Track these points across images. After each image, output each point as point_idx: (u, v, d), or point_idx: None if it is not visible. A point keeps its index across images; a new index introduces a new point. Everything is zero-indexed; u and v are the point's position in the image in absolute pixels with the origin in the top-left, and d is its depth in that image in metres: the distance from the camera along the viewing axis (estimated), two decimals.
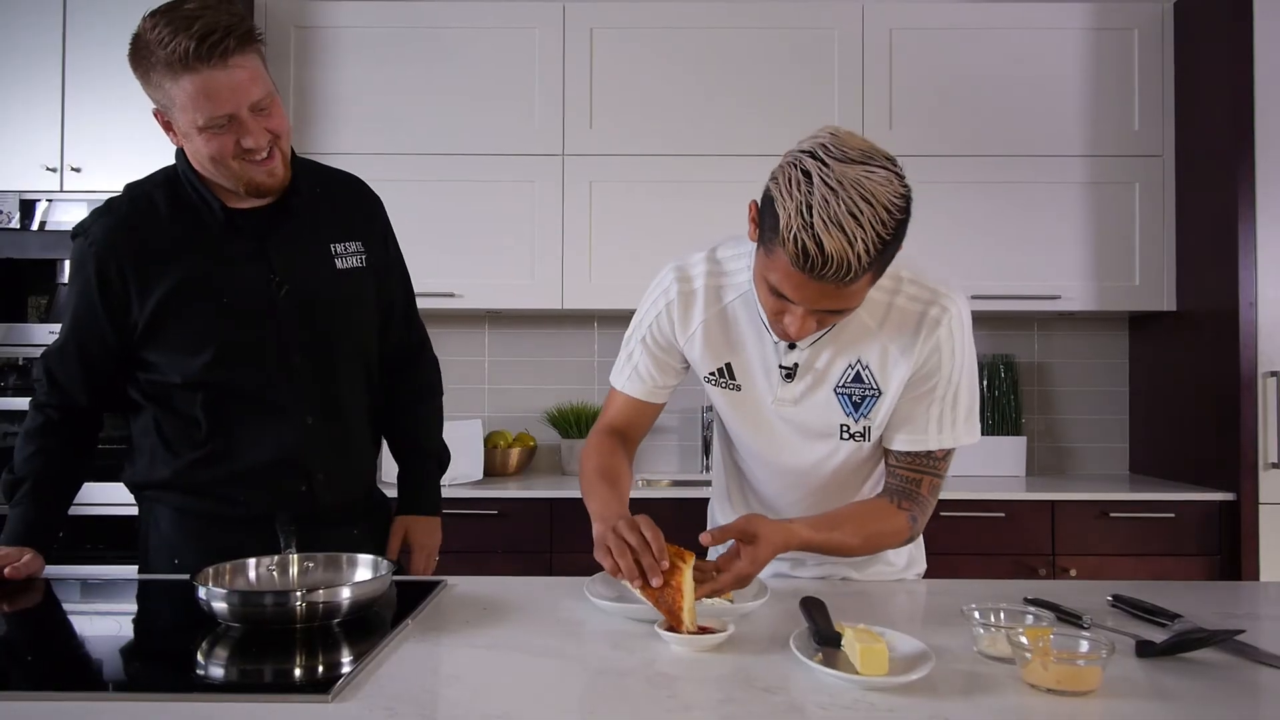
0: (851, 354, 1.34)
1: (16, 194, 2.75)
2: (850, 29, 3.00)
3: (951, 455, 1.39)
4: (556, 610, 1.26)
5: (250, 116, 1.31)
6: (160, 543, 1.51)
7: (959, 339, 1.32)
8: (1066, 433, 3.35)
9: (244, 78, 1.29)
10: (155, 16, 1.28)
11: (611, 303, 3.01)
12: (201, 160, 1.36)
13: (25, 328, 2.78)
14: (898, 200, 1.13)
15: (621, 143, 3.01)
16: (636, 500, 2.74)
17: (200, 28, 1.24)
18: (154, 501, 1.52)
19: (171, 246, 1.40)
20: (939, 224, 2.96)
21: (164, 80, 1.27)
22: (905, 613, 1.31)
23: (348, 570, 1.30)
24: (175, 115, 1.32)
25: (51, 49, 2.76)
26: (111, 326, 1.42)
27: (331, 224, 1.52)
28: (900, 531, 1.36)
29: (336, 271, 1.50)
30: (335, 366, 1.50)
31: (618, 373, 1.51)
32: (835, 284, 1.11)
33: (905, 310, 1.31)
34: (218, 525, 1.47)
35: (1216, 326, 2.81)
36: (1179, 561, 2.70)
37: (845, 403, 1.36)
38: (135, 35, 1.30)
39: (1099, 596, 1.30)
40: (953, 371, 1.33)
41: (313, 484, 1.48)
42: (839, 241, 1.08)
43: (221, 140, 1.31)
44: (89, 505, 2.70)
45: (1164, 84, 3.00)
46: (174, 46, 1.24)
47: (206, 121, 1.29)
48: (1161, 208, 3.00)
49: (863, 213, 1.08)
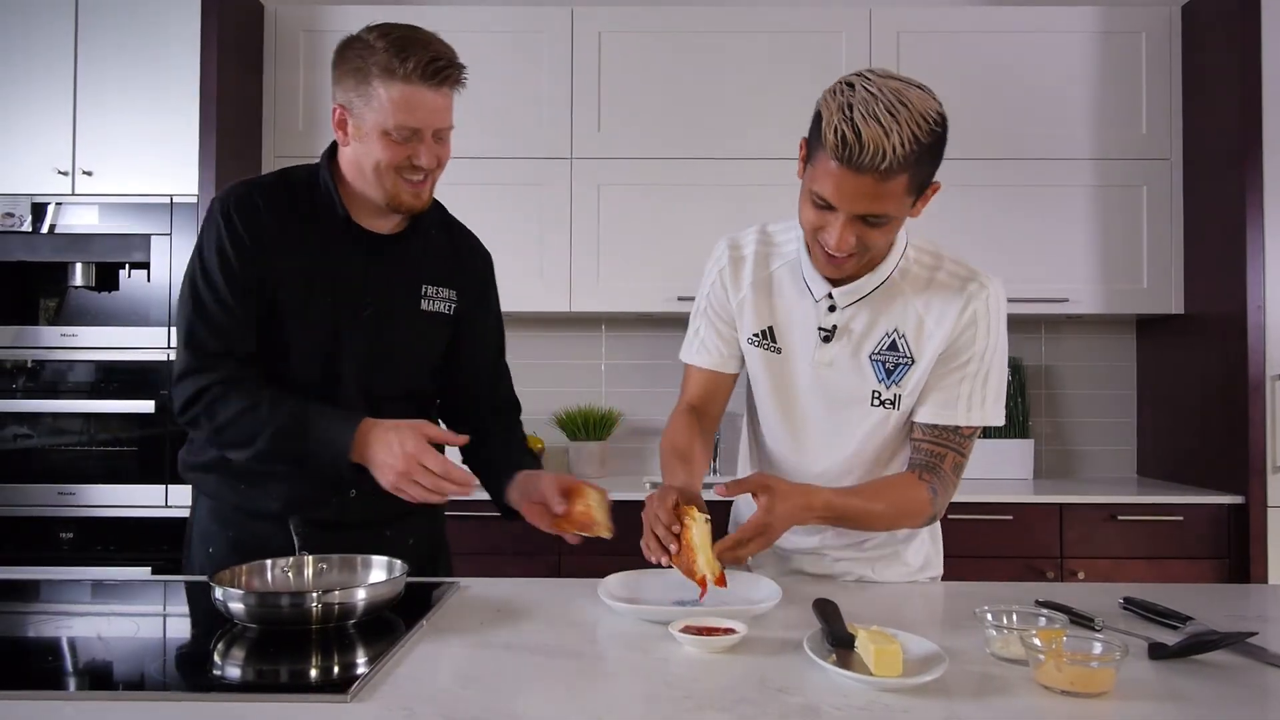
0: (888, 322, 1.39)
1: (28, 197, 2.77)
2: (858, 32, 3.01)
3: (975, 437, 1.42)
4: (570, 611, 1.27)
5: (430, 139, 1.41)
6: (200, 531, 1.54)
7: (995, 318, 1.37)
8: (1074, 435, 3.35)
9: (444, 105, 1.41)
10: (387, 29, 1.39)
11: (620, 305, 3.01)
12: (365, 164, 1.42)
13: (36, 330, 2.79)
14: (933, 114, 1.21)
15: (629, 146, 3.02)
16: (642, 502, 2.73)
17: (434, 53, 1.38)
18: (198, 489, 1.56)
19: (292, 239, 1.44)
20: (946, 227, 2.95)
21: (375, 80, 1.36)
22: (918, 614, 1.32)
23: (362, 572, 1.31)
24: (365, 115, 1.38)
25: (63, 54, 2.77)
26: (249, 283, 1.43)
27: (433, 266, 1.56)
28: (922, 505, 1.37)
29: (419, 311, 1.54)
30: (380, 400, 1.51)
31: (686, 347, 1.58)
32: (872, 177, 1.18)
33: (945, 285, 1.37)
34: (247, 517, 1.49)
35: (1224, 329, 2.81)
36: (1187, 564, 2.70)
37: (879, 369, 1.40)
38: (354, 38, 1.41)
39: (1110, 599, 1.31)
40: (986, 350, 1.37)
41: (345, 497, 1.50)
42: (876, 131, 1.16)
43: (397, 150, 1.39)
44: (98, 507, 2.72)
45: (1172, 87, 3.00)
46: (406, 57, 1.35)
47: (396, 128, 1.37)
48: (1169, 211, 3.00)
49: (899, 113, 1.17)
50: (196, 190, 2.76)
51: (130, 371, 2.76)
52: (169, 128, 2.78)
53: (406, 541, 1.58)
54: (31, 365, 2.78)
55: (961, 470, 1.42)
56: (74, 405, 2.76)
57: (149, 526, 2.73)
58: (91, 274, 2.78)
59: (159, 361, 2.75)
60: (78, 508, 2.73)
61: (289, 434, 1.35)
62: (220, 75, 2.79)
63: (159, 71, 2.78)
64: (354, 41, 1.41)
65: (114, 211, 2.77)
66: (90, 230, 2.77)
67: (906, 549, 1.56)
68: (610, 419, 3.22)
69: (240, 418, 1.36)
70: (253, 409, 1.36)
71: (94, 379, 2.77)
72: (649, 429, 3.34)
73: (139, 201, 2.77)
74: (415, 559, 1.57)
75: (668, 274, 3.00)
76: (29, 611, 1.33)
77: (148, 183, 2.78)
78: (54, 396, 2.77)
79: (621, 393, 3.35)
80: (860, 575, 1.54)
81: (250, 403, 1.36)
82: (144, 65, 2.78)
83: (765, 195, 2.92)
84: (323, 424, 1.36)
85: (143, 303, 2.79)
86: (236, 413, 1.36)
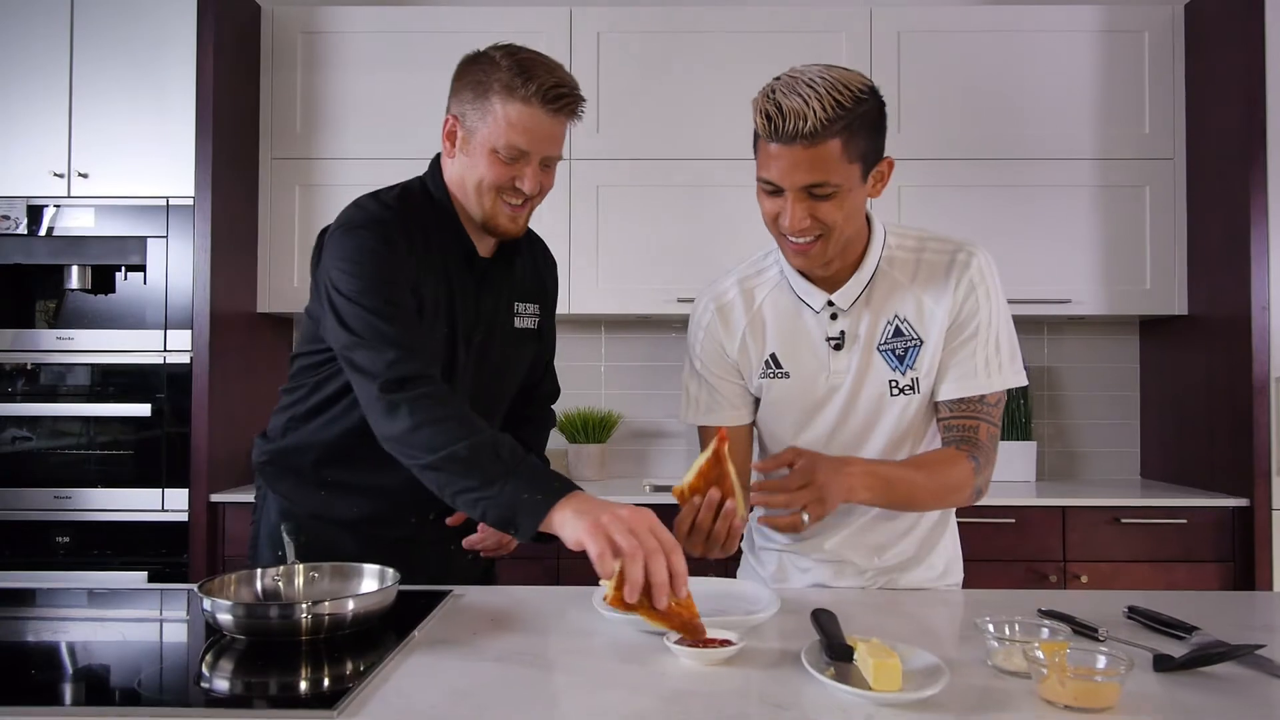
0: (888, 311, 1.41)
1: (24, 199, 2.76)
2: (858, 32, 2.99)
3: (1002, 404, 1.42)
4: (565, 621, 1.25)
5: (537, 165, 1.39)
6: (269, 532, 1.53)
7: (990, 282, 1.40)
8: (1077, 437, 3.32)
9: (558, 133, 1.39)
10: (514, 49, 1.39)
11: (619, 307, 2.99)
12: (468, 179, 1.40)
13: (33, 333, 2.78)
14: (858, 84, 1.26)
15: (628, 147, 3.00)
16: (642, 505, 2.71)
17: (559, 80, 1.36)
18: (272, 488, 1.54)
19: (424, 266, 1.41)
20: (947, 227, 2.90)
21: (494, 97, 1.35)
22: (917, 624, 1.30)
23: (354, 581, 1.29)
24: (479, 129, 1.37)
25: (59, 54, 2.76)
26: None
27: (522, 284, 1.57)
28: (965, 476, 1.37)
29: (514, 331, 1.55)
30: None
31: (690, 409, 1.57)
32: (801, 145, 1.23)
33: (933, 262, 1.41)
34: (322, 524, 1.49)
35: (1228, 330, 2.79)
36: (1192, 568, 2.68)
37: (890, 358, 1.41)
38: (481, 53, 1.40)
39: (1114, 607, 1.29)
40: (990, 314, 1.39)
41: (424, 519, 1.51)
42: (796, 102, 1.22)
43: (501, 170, 1.38)
44: (94, 511, 2.71)
45: (1175, 86, 2.98)
46: (529, 78, 1.34)
47: (506, 147, 1.36)
48: (1173, 211, 2.98)
49: (818, 84, 1.23)
50: (193, 192, 2.74)
51: (127, 374, 2.74)
52: (165, 129, 2.76)
53: (468, 555, 1.59)
54: (30, 368, 2.76)
55: (997, 441, 1.43)
56: (71, 409, 2.74)
57: (146, 531, 2.71)
58: (88, 277, 2.76)
59: (156, 364, 2.74)
60: (74, 512, 2.72)
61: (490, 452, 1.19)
62: (217, 76, 2.77)
63: (155, 73, 2.76)
64: (480, 57, 1.40)
65: (110, 214, 2.76)
66: (86, 233, 2.75)
67: (931, 552, 1.54)
68: (610, 421, 3.20)
69: (449, 419, 1.22)
70: (463, 418, 1.23)
71: (90, 382, 2.75)
72: (649, 431, 3.33)
73: (135, 204, 2.76)
74: (475, 571, 1.64)
75: (667, 276, 2.98)
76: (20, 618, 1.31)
77: (144, 185, 2.76)
78: (50, 400, 2.76)
79: (621, 395, 3.33)
80: (883, 586, 1.52)
81: (461, 411, 1.25)
82: (140, 66, 2.76)
83: None
84: (530, 468, 1.20)
85: (139, 305, 2.77)
86: (447, 413, 1.23)
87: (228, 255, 2.84)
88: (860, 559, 1.51)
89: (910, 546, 1.52)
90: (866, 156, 1.29)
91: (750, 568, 1.64)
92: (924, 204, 2.93)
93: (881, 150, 1.33)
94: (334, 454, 1.48)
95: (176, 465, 2.72)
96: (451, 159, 1.44)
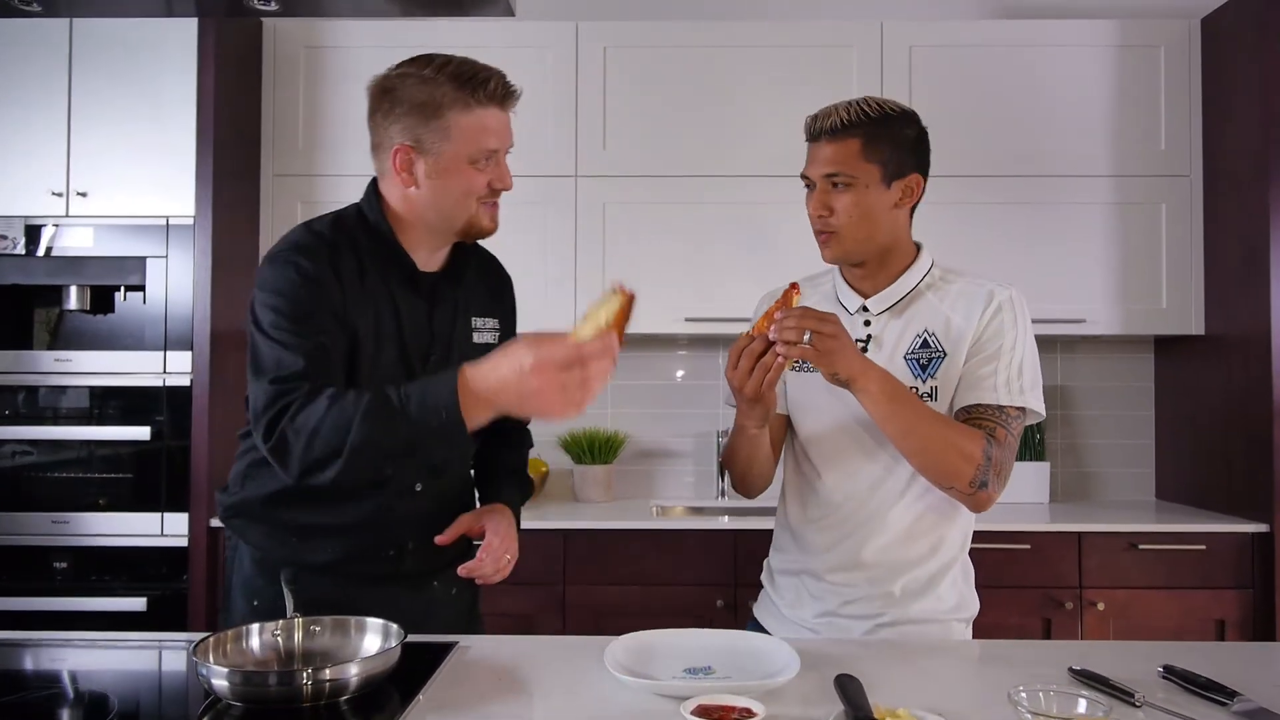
0: (918, 325, 1.49)
1: (22, 219, 2.71)
2: (869, 47, 2.94)
3: (1021, 424, 1.44)
4: (576, 682, 1.20)
5: (503, 159, 1.43)
6: (243, 582, 1.48)
7: (1020, 314, 1.46)
8: (1091, 458, 3.27)
9: (509, 123, 1.44)
10: (435, 60, 1.38)
11: (627, 326, 2.94)
12: (443, 200, 1.39)
13: (32, 355, 2.74)
14: (893, 103, 1.46)
15: (636, 163, 2.95)
16: (648, 531, 2.69)
17: (496, 74, 1.39)
18: (242, 538, 1.48)
19: (363, 291, 1.39)
20: (959, 245, 2.88)
21: (450, 112, 1.35)
22: (946, 687, 1.24)
23: (355, 637, 1.24)
24: (444, 149, 1.36)
25: (57, 72, 2.71)
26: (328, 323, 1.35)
27: (477, 298, 1.56)
28: (975, 449, 1.36)
29: (473, 345, 1.52)
30: None
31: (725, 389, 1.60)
32: (826, 139, 1.44)
33: (969, 292, 1.49)
34: (297, 570, 1.43)
35: (1246, 350, 2.73)
36: (1211, 595, 2.62)
37: (914, 366, 1.47)
38: (399, 76, 1.38)
39: (1147, 664, 1.23)
40: (1015, 341, 1.44)
41: (402, 550, 1.48)
42: (830, 108, 1.46)
43: (481, 177, 1.39)
44: (93, 536, 2.66)
45: (1191, 102, 2.93)
46: (477, 84, 1.36)
47: (481, 153, 1.38)
48: (1189, 229, 2.92)
49: (854, 98, 1.46)
50: (193, 211, 2.70)
51: (126, 396, 2.70)
52: (165, 147, 2.72)
53: (450, 591, 1.56)
54: (26, 391, 2.72)
55: (1011, 450, 1.43)
56: (69, 432, 2.70)
57: (145, 556, 2.66)
58: (87, 297, 2.72)
59: (155, 386, 2.69)
60: (72, 536, 2.67)
61: (382, 413, 1.20)
62: (218, 92, 2.73)
63: (155, 89, 2.72)
64: (403, 79, 1.37)
65: (109, 233, 2.71)
66: (85, 253, 2.71)
67: (941, 582, 1.50)
68: (616, 442, 3.15)
69: (327, 416, 1.22)
70: (337, 403, 1.23)
71: (89, 405, 2.71)
72: (656, 451, 3.28)
73: (135, 223, 2.71)
74: (459, 607, 1.58)
75: (676, 295, 2.93)
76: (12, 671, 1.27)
77: (144, 204, 2.72)
78: (48, 423, 2.72)
79: (628, 415, 3.28)
80: (893, 619, 1.49)
81: (332, 401, 1.23)
82: (139, 83, 2.72)
83: (775, 213, 2.85)
84: (417, 390, 1.22)
85: (138, 326, 2.73)
86: (322, 412, 1.22)
87: (228, 275, 2.79)
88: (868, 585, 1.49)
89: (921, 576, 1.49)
90: (888, 164, 1.43)
91: (768, 599, 1.63)
92: (935, 222, 2.83)
93: (911, 168, 1.47)
94: (294, 497, 1.42)
95: (176, 489, 2.67)
96: (412, 188, 1.40)
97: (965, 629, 1.54)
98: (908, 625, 1.48)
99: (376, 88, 1.40)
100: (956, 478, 1.38)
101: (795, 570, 1.57)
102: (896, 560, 1.49)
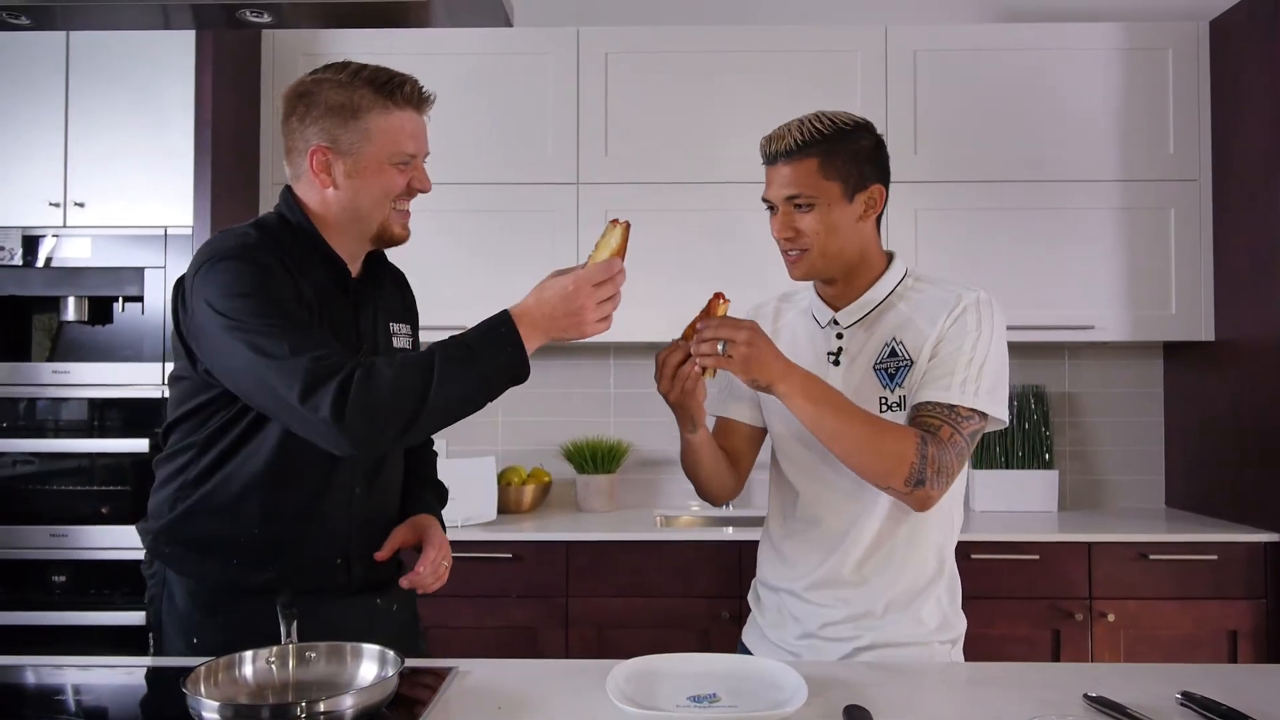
0: (886, 334, 1.48)
1: (20, 229, 2.69)
2: (873, 52, 2.91)
3: (974, 426, 1.40)
4: (579, 711, 1.17)
5: (421, 164, 1.45)
6: (178, 620, 1.41)
7: (986, 316, 1.43)
8: (1100, 465, 3.23)
9: (426, 130, 1.46)
10: (349, 67, 1.41)
11: (628, 334, 2.90)
12: (361, 201, 1.41)
13: (31, 366, 2.72)
14: (845, 116, 1.45)
15: (638, 171, 2.92)
16: (652, 542, 2.66)
17: (410, 79, 1.43)
18: (174, 569, 1.42)
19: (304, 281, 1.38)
20: (965, 251, 2.86)
21: (368, 114, 1.38)
22: (957, 713, 1.21)
23: (352, 663, 1.21)
24: (363, 149, 1.38)
25: (55, 83, 2.69)
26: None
27: (392, 304, 1.58)
28: (907, 448, 1.34)
29: (394, 350, 1.54)
30: None
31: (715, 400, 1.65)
32: (783, 162, 1.43)
33: (938, 298, 1.47)
34: (237, 597, 1.39)
35: (1257, 356, 2.70)
36: (1223, 605, 2.59)
37: (882, 376, 1.46)
38: (315, 80, 1.40)
39: (1164, 689, 1.20)
40: (978, 342, 1.41)
41: (348, 562, 1.46)
42: (782, 130, 1.44)
43: (399, 178, 1.41)
44: (91, 549, 2.64)
45: (1199, 105, 2.89)
46: (393, 87, 1.39)
47: (399, 156, 1.40)
48: (1198, 234, 2.89)
49: (805, 117, 1.44)
50: (191, 221, 2.68)
51: (124, 409, 2.67)
52: (163, 156, 2.69)
53: (392, 608, 1.54)
54: (24, 403, 2.70)
55: (960, 451, 1.38)
56: (67, 444, 2.67)
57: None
58: (85, 308, 2.70)
59: (154, 399, 2.67)
60: (71, 549, 2.65)
61: (455, 358, 1.25)
62: (216, 101, 2.71)
63: (153, 98, 2.70)
64: (319, 84, 1.39)
65: (107, 244, 2.69)
66: (83, 263, 2.68)
67: (925, 601, 1.47)
68: (619, 451, 3.12)
69: (403, 373, 1.23)
70: (401, 362, 1.25)
71: (87, 417, 2.69)
72: (659, 460, 3.25)
73: (133, 233, 2.69)
74: (400, 623, 1.57)
75: (678, 302, 2.89)
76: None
77: (142, 214, 2.69)
78: (46, 435, 2.70)
79: (631, 423, 3.25)
80: (872, 641, 1.45)
81: (393, 362, 1.25)
82: (137, 91, 2.70)
83: None
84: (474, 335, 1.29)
85: (137, 337, 2.70)
86: (395, 372, 1.23)
87: None
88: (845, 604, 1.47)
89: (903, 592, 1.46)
90: (848, 179, 1.42)
91: (753, 621, 1.62)
92: (941, 228, 2.85)
93: (871, 179, 1.45)
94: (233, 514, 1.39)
95: None
96: (330, 189, 1.40)
97: (951, 650, 1.49)
98: (886, 649, 1.44)
99: (292, 93, 1.41)
100: (891, 477, 1.35)
101: (777, 588, 1.56)
102: (875, 574, 1.46)
